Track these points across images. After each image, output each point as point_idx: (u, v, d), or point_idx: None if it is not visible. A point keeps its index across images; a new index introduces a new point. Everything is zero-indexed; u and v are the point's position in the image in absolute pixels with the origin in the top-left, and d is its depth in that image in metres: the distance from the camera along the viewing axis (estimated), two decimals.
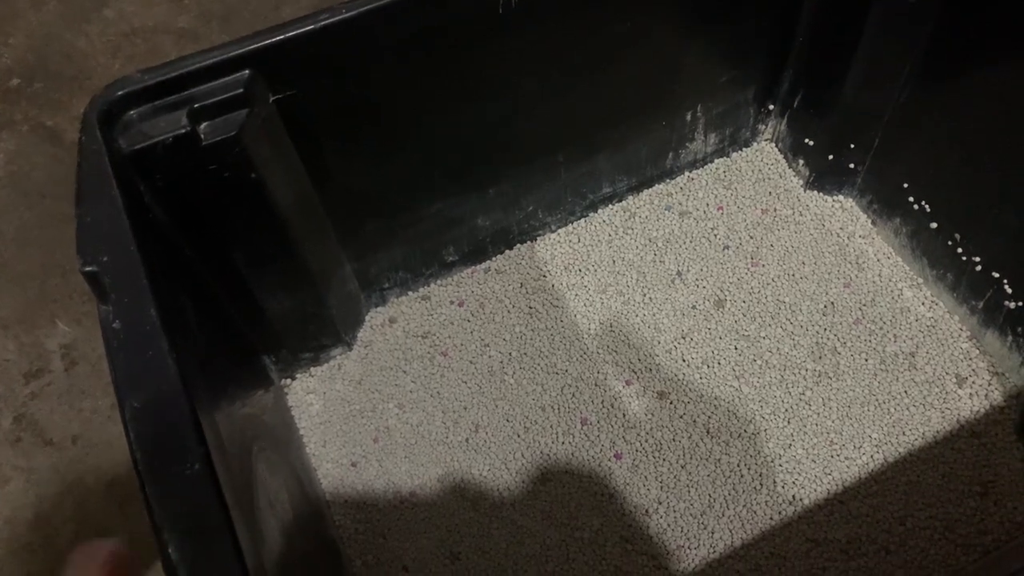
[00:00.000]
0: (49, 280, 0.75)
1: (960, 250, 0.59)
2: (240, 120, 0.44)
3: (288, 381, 0.62)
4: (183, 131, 0.42)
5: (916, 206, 0.62)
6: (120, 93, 0.42)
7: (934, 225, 0.61)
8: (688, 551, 0.54)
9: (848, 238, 0.67)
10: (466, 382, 0.62)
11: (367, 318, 0.65)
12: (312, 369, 0.63)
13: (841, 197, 0.69)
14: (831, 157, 0.66)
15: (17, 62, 0.90)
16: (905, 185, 0.62)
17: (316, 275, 0.55)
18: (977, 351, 0.60)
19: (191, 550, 0.28)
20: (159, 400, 0.31)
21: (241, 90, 0.44)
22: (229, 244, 0.49)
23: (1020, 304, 0.56)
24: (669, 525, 0.55)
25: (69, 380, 0.69)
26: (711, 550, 0.54)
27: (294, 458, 0.55)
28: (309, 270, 0.54)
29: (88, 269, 0.36)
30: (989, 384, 0.59)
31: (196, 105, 0.43)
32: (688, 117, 0.65)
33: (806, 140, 0.67)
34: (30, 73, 0.90)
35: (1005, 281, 0.57)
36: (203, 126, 0.44)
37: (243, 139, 0.44)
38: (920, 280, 0.64)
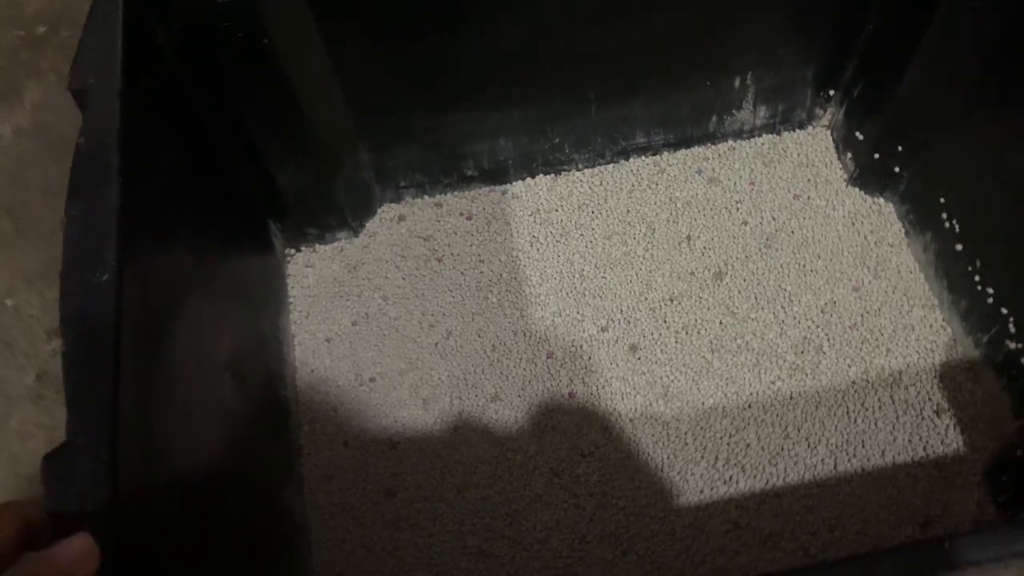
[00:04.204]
0: None
1: (978, 278, 0.56)
2: None
3: (292, 251, 0.66)
4: None
5: (948, 223, 0.59)
6: None
7: (959, 247, 0.58)
8: (611, 499, 0.55)
9: (875, 243, 0.64)
10: (452, 291, 0.63)
11: (379, 211, 0.67)
12: (317, 246, 0.66)
13: (882, 200, 0.65)
14: (876, 155, 0.63)
15: (43, 9, 0.83)
16: (942, 200, 0.59)
17: (326, 155, 0.58)
18: (971, 384, 0.58)
19: (78, 349, 0.31)
20: (96, 210, 0.34)
21: None
22: (238, 106, 0.52)
23: (1020, 346, 0.53)
24: (599, 471, 0.56)
25: None
26: (634, 503, 0.55)
27: (267, 320, 0.59)
28: (319, 148, 0.57)
29: (74, 87, 0.39)
30: (971, 421, 0.56)
31: None
32: (736, 83, 0.63)
33: (856, 133, 0.64)
34: (56, 20, 0.82)
35: (1011, 319, 0.54)
36: None
37: (259, 4, 0.46)
38: (936, 302, 0.61)
